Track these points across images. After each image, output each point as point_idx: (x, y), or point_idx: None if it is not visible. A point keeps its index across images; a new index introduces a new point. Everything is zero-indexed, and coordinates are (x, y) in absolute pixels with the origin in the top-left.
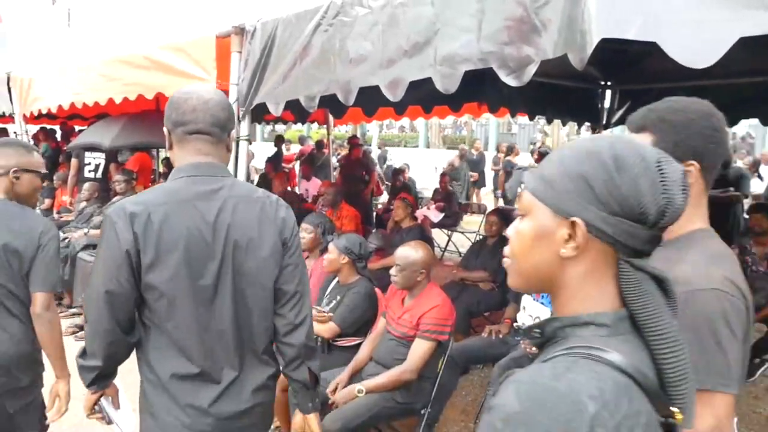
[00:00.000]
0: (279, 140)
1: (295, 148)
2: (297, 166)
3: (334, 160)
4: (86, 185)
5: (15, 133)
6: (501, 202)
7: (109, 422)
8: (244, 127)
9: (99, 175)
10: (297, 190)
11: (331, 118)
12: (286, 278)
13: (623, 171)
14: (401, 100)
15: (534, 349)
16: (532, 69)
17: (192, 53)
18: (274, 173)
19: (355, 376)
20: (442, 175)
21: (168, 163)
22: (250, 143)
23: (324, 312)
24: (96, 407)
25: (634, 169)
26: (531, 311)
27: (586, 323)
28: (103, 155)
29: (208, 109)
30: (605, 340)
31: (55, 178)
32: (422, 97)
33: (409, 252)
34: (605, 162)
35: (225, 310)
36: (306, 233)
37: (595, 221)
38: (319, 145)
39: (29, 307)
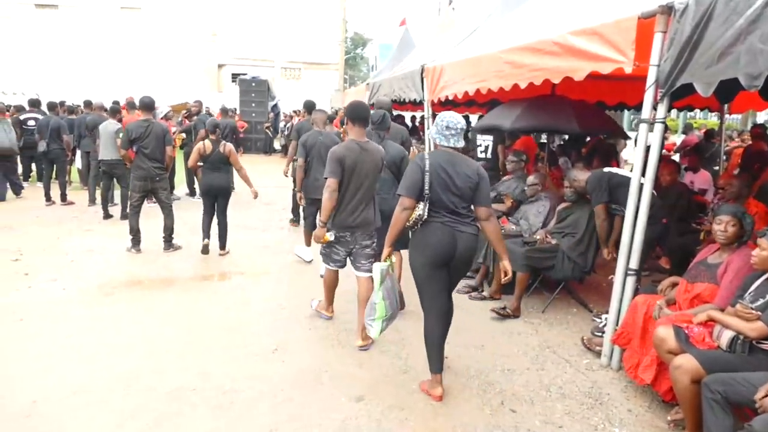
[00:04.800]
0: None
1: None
2: (677, 156)
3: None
4: None
5: (413, 116)
6: None
7: None
8: (660, 110)
9: (489, 155)
10: None
11: (726, 105)
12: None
13: None
14: None
15: None
16: None
17: (608, 36)
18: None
19: None
20: None
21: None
22: (667, 128)
23: (750, 309)
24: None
25: None
26: None
27: None
28: (491, 137)
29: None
30: None
31: None
32: None
33: None
34: None
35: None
36: (729, 226)
37: None
38: (709, 134)
39: None
